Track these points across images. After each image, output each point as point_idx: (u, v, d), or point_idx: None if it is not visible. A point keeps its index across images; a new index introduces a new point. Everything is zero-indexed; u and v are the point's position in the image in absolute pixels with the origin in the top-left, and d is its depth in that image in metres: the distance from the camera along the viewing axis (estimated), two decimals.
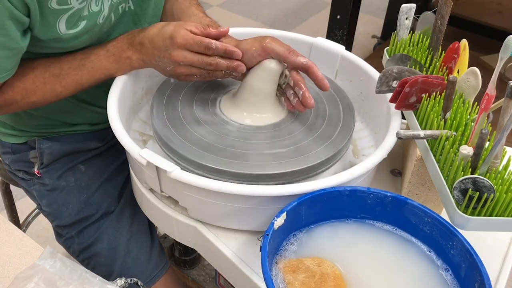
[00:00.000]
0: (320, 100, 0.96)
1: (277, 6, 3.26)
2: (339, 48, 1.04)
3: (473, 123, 0.76)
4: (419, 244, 0.76)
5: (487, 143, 0.72)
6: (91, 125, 1.09)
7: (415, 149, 0.84)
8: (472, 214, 0.70)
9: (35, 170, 1.07)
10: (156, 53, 0.86)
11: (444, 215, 0.76)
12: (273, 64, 0.88)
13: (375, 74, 0.99)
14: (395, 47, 0.95)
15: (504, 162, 0.73)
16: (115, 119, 0.85)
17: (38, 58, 0.91)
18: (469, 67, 0.82)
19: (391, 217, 0.78)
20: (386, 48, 0.98)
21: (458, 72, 0.87)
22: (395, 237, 0.77)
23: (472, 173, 0.71)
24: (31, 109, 1.01)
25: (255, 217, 0.81)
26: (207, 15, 1.02)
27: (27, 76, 0.89)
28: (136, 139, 0.97)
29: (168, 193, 0.86)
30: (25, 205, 1.65)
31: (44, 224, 1.74)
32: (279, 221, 0.72)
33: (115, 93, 0.89)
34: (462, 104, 0.81)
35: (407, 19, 0.94)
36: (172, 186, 0.82)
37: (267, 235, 0.69)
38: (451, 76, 0.77)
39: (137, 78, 0.98)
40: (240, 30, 1.06)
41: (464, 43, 0.84)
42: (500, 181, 0.71)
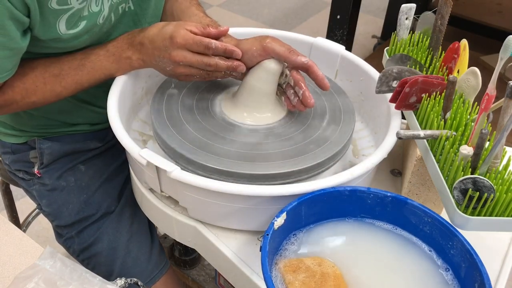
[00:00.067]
0: (320, 100, 0.96)
1: (277, 6, 3.26)
2: (339, 48, 1.04)
3: (473, 123, 0.76)
4: (420, 243, 0.76)
5: (487, 143, 0.72)
6: (91, 125, 1.09)
7: (415, 149, 0.84)
8: (472, 214, 0.70)
9: (35, 170, 1.07)
10: (156, 53, 0.86)
11: (444, 215, 0.76)
12: (273, 64, 0.88)
13: (375, 74, 0.99)
14: (395, 47, 0.95)
15: (504, 162, 0.73)
16: (115, 119, 0.85)
17: (38, 58, 0.91)
18: (469, 67, 0.82)
19: (391, 217, 0.78)
20: (386, 48, 0.98)
21: (458, 72, 0.87)
22: (395, 237, 0.77)
23: (472, 173, 0.71)
24: (31, 109, 1.01)
25: (255, 217, 0.81)
26: (207, 15, 1.02)
27: (27, 76, 0.89)
28: (136, 139, 0.97)
29: (168, 193, 0.86)
30: (25, 205, 1.65)
31: (44, 224, 1.74)
32: (279, 221, 0.72)
33: (115, 93, 0.89)
34: (462, 104, 0.81)
35: (407, 19, 0.94)
36: (172, 186, 0.82)
37: (267, 235, 0.69)
38: (451, 76, 0.77)
39: (137, 78, 0.98)
40: (240, 30, 1.06)
41: (464, 43, 0.84)
42: (500, 181, 0.71)
